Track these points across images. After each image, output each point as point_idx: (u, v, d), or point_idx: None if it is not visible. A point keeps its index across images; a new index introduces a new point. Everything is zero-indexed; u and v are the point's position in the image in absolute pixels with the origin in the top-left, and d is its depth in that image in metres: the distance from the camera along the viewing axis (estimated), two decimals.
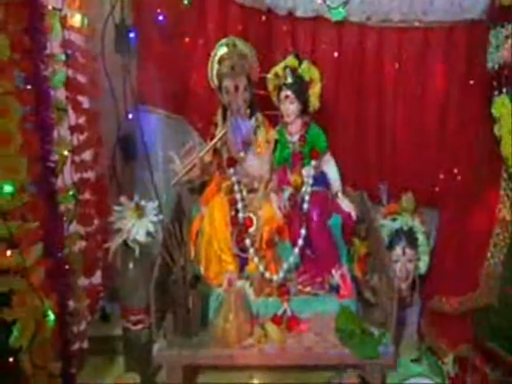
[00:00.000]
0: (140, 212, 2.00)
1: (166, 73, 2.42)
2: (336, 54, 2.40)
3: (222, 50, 2.11)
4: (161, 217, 2.04)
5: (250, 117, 2.11)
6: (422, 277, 2.22)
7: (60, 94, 1.90)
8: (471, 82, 2.23)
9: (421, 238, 2.21)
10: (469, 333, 1.94)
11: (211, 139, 2.11)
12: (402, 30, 2.35)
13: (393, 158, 2.48)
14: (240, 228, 2.02)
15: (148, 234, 1.99)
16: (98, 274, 2.14)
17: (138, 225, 1.98)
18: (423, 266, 2.22)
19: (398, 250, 2.18)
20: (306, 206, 2.06)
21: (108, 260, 2.03)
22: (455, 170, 2.20)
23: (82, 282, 2.02)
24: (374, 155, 2.49)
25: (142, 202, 2.03)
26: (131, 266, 1.99)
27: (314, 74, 2.14)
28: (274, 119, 2.22)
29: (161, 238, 2.04)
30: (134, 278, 1.98)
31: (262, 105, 2.19)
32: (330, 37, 2.39)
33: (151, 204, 2.04)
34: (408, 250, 2.18)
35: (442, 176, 2.40)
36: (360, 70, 2.41)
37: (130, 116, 2.40)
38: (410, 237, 2.20)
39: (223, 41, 2.12)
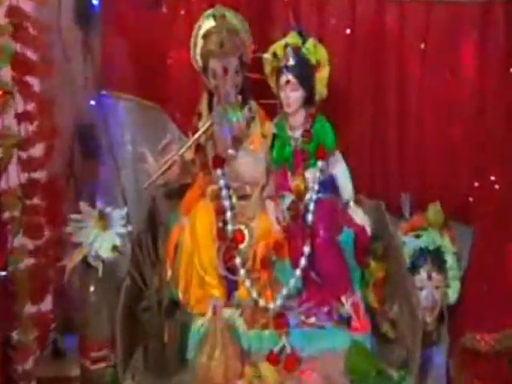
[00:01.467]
0: (104, 222, 2.03)
1: (137, 50, 2.47)
2: (348, 31, 2.46)
3: (207, 23, 2.15)
4: (130, 228, 2.07)
5: (242, 106, 2.14)
6: (451, 307, 2.26)
7: (5, 74, 1.94)
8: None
9: (450, 259, 2.26)
10: (507, 376, 2.00)
11: (193, 133, 2.15)
12: (429, 5, 2.42)
13: (417, 161, 2.55)
14: (228, 243, 2.05)
15: (114, 249, 2.01)
16: (49, 299, 2.17)
17: (101, 238, 2.01)
18: (453, 294, 2.27)
19: (423, 274, 2.22)
20: (310, 217, 2.10)
21: (62, 282, 2.06)
22: (492, 177, 2.27)
23: (29, 308, 2.05)
24: (394, 156, 2.55)
25: (107, 210, 2.06)
26: (92, 288, 2.01)
27: (322, 54, 2.19)
28: (272, 109, 2.27)
29: (130, 254, 2.07)
30: (96, 303, 2.00)
31: (257, 92, 2.24)
32: (341, 9, 2.46)
33: (118, 212, 2.07)
34: (435, 275, 2.22)
35: (476, 184, 2.46)
36: (378, 51, 2.48)
37: (92, 103, 2.45)
38: (437, 258, 2.24)
39: (210, 11, 2.16)
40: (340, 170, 2.27)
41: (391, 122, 2.54)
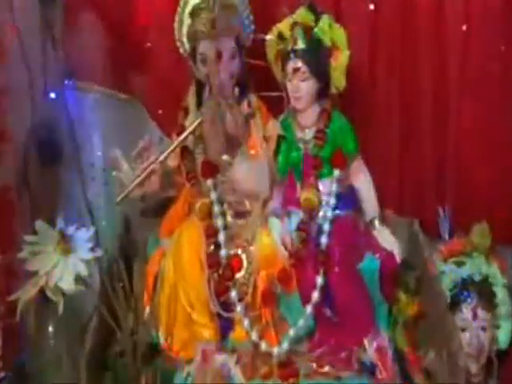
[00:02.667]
0: (66, 245, 1.99)
1: (109, 31, 2.47)
2: (372, 7, 2.46)
3: None
4: (98, 253, 2.04)
5: (240, 100, 2.15)
6: (501, 354, 2.25)
7: None
8: None
9: (500, 293, 2.25)
10: None
11: (179, 133, 2.15)
12: None
13: (459, 169, 2.54)
14: (222, 272, 2.04)
15: (78, 279, 1.98)
16: None
17: (62, 265, 1.97)
18: (504, 337, 2.26)
19: (467, 312, 2.21)
20: (324, 239, 2.09)
21: (13, 320, 2.02)
22: None
23: None
24: (429, 164, 2.55)
25: (70, 230, 2.02)
26: (51, 329, 2.01)
27: (339, 36, 2.19)
28: (277, 104, 2.27)
29: (98, 285, 2.06)
30: (56, 347, 2.01)
31: (259, 82, 2.24)
32: None
33: (83, 233, 2.03)
34: (481, 312, 2.21)
35: None
36: (410, 32, 2.47)
37: (53, 96, 2.45)
38: (484, 291, 2.23)
39: None
40: (362, 181, 2.27)
41: (426, 120, 2.54)
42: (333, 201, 2.16)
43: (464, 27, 2.46)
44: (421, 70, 2.51)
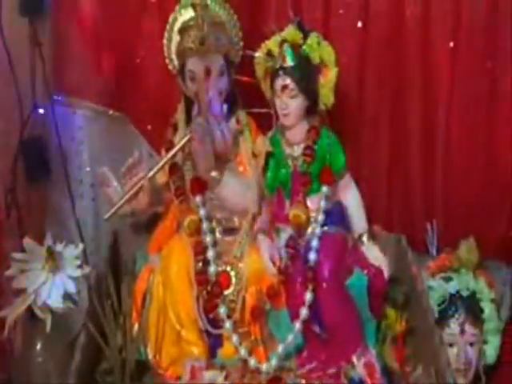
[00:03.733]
0: (54, 262, 2.01)
1: (98, 46, 2.49)
2: (360, 25, 2.48)
3: (185, 14, 2.19)
4: (87, 270, 2.06)
5: (229, 116, 2.17)
6: (489, 369, 2.27)
7: None
8: None
9: (488, 308, 2.26)
10: None
11: (167, 150, 2.16)
12: None
13: (446, 184, 2.56)
14: (210, 289, 2.05)
15: (66, 296, 2.00)
16: None
17: (50, 282, 1.99)
18: (491, 352, 2.27)
19: (454, 327, 2.22)
20: (312, 256, 2.10)
21: (1, 337, 2.03)
22: None
23: None
24: (417, 178, 2.56)
25: (58, 247, 2.05)
26: (39, 346, 2.00)
27: (327, 53, 2.20)
28: (266, 121, 2.27)
29: (86, 303, 2.06)
30: (44, 365, 2.00)
31: (247, 99, 2.26)
32: None
33: (72, 250, 2.06)
34: (469, 328, 2.23)
35: None
36: (398, 49, 2.49)
37: (41, 111, 2.43)
38: (471, 307, 2.25)
39: None
40: (351, 197, 2.29)
41: (414, 136, 2.55)
42: (321, 217, 2.17)
43: (451, 44, 2.48)
44: (409, 86, 2.52)
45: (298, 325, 2.06)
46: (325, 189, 2.19)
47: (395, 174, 2.59)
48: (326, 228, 2.17)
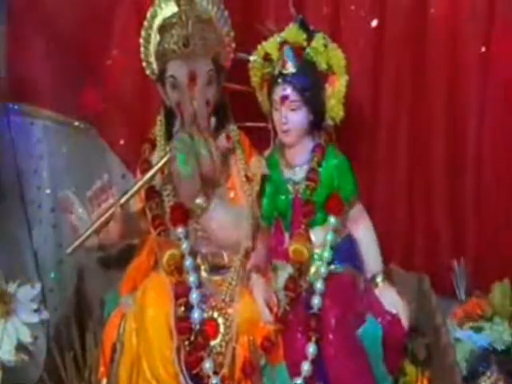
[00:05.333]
0: (6, 306, 2.01)
1: (61, 46, 2.50)
2: (375, 23, 2.50)
3: (166, 9, 2.20)
4: (45, 315, 2.06)
5: (217, 132, 2.17)
6: None
7: None
8: None
9: None
10: None
11: (144, 171, 2.15)
12: None
13: (478, 214, 2.56)
14: (194, 339, 2.04)
15: (20, 347, 2.00)
16: None
17: (1, 331, 1.98)
18: None
19: None
20: (316, 300, 2.10)
21: None
22: None
23: None
24: (442, 207, 2.58)
25: (11, 287, 2.04)
26: None
27: (336, 57, 2.21)
28: (262, 138, 2.30)
29: (44, 355, 2.05)
30: None
31: (240, 111, 2.26)
32: None
33: (28, 290, 2.06)
34: None
35: None
36: (419, 53, 2.50)
37: None
38: (506, 363, 2.24)
39: None
40: (363, 230, 2.29)
41: (438, 155, 2.56)
42: (327, 254, 2.17)
43: (483, 48, 2.49)
44: (433, 98, 2.53)
45: (298, 382, 2.05)
46: (332, 220, 2.19)
47: (416, 201, 2.60)
48: (332, 267, 2.18)
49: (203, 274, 2.14)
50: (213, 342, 2.06)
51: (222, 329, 2.07)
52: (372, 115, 2.54)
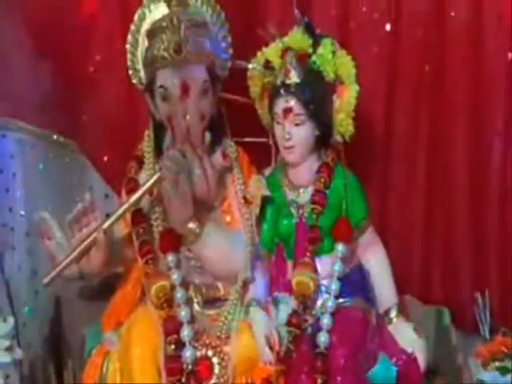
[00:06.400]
0: None
1: (38, 50, 2.51)
2: (388, 28, 2.52)
3: (156, 11, 2.22)
4: (18, 353, 2.06)
5: (213, 149, 2.18)
6: None
7: None
8: None
9: None
10: None
11: (130, 191, 2.16)
12: None
13: (503, 241, 2.56)
14: (186, 381, 2.03)
15: None
16: None
17: None
18: None
19: None
20: (323, 338, 2.11)
21: None
22: None
23: None
24: (465, 238, 2.58)
25: None
26: None
27: (345, 66, 2.22)
28: (263, 154, 2.32)
29: None
30: None
31: (238, 125, 2.27)
32: None
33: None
34: None
35: None
36: (438, 61, 2.51)
37: None
38: None
39: None
40: (375, 259, 2.31)
41: (459, 177, 2.58)
42: (335, 286, 2.17)
43: (510, 55, 2.49)
44: (455, 112, 2.53)
45: None
46: (340, 247, 2.19)
47: (434, 227, 2.61)
48: (341, 300, 2.18)
49: (196, 307, 2.14)
50: None
51: (216, 369, 2.07)
52: (386, 131, 2.55)
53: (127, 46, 2.25)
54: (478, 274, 2.59)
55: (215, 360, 2.07)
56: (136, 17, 2.24)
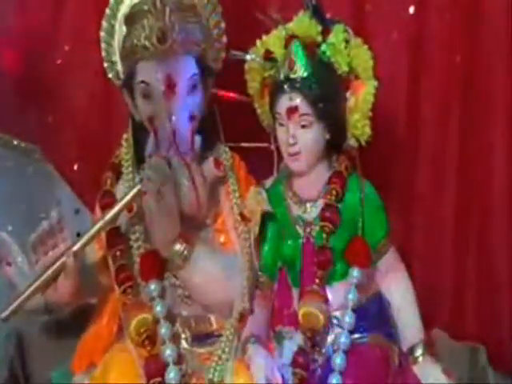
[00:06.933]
0: None
1: None
2: (412, 10, 2.53)
3: None
4: None
5: (204, 155, 2.20)
6: None
7: None
8: None
9: None
10: None
11: (104, 206, 2.18)
12: None
13: None
14: None
15: None
16: None
17: None
18: None
19: None
20: (335, 381, 2.10)
21: None
22: None
23: None
24: (503, 256, 2.58)
25: None
26: None
27: (361, 57, 2.22)
28: (263, 162, 2.32)
29: None
30: None
31: (234, 126, 2.28)
32: None
33: None
34: None
35: None
36: (473, 50, 2.52)
37: None
38: None
39: None
40: (397, 287, 2.30)
41: (496, 193, 2.58)
42: (349, 318, 2.17)
43: None
44: (492, 112, 2.54)
45: None
46: (355, 273, 2.20)
47: (468, 249, 2.62)
48: (356, 336, 2.18)
49: (184, 344, 2.15)
50: None
51: None
52: (409, 134, 2.57)
53: (102, 34, 2.25)
54: None
55: None
56: (111, 1, 2.24)
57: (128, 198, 2.11)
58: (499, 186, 2.55)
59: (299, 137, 2.18)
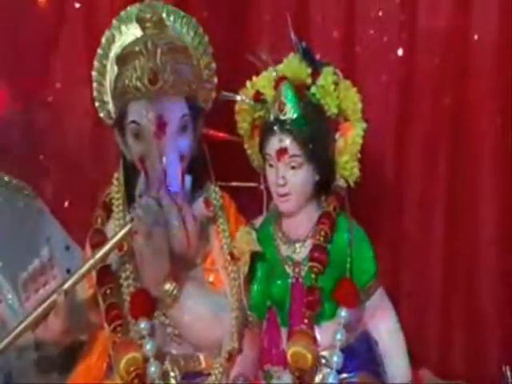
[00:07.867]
0: None
1: None
2: (401, 52, 2.54)
3: (127, 33, 2.25)
4: None
5: (194, 195, 2.20)
6: None
7: None
8: None
9: None
10: None
11: (95, 245, 2.17)
12: None
13: None
14: None
15: None
16: None
17: None
18: None
19: None
20: None
21: None
22: None
23: None
24: (489, 297, 2.59)
25: None
26: None
27: (350, 99, 2.23)
28: (253, 203, 2.34)
29: None
30: None
31: (224, 167, 2.29)
32: (388, 8, 2.55)
33: None
34: None
35: None
36: (460, 93, 2.54)
37: None
38: None
39: (132, 8, 2.27)
40: (385, 326, 2.30)
41: (485, 232, 2.59)
42: (337, 358, 2.16)
43: None
44: (479, 152, 2.55)
45: None
46: (343, 313, 2.19)
47: (455, 287, 2.63)
48: (344, 375, 2.18)
49: (173, 383, 2.13)
50: None
51: None
52: (397, 175, 2.58)
53: (93, 74, 2.26)
54: (505, 344, 2.60)
55: None
56: (104, 39, 2.26)
57: (118, 236, 2.11)
58: (486, 227, 2.56)
59: (289, 178, 2.18)
